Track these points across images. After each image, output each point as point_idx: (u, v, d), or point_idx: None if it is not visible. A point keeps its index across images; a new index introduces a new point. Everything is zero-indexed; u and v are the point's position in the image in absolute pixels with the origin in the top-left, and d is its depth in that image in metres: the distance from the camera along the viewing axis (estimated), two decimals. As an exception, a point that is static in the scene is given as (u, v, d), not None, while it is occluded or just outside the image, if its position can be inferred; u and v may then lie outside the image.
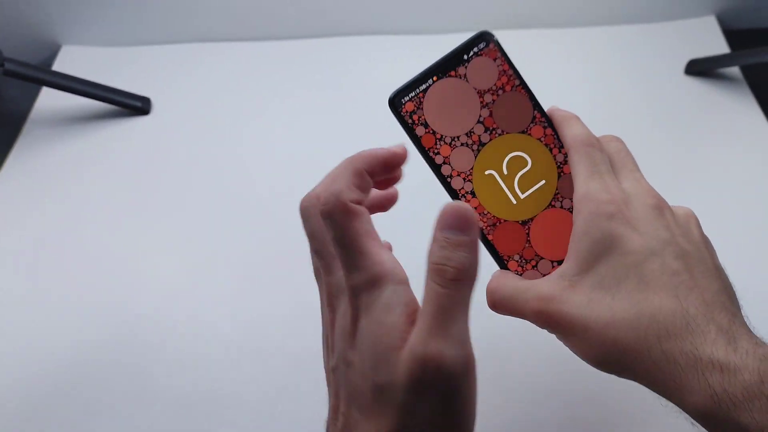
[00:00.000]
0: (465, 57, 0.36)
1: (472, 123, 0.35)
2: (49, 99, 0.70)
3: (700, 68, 0.70)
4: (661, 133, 0.65)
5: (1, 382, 0.49)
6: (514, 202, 0.36)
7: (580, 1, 0.76)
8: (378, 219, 0.33)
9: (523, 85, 0.36)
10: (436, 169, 0.35)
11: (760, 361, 0.29)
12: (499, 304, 0.35)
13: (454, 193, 0.35)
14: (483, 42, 0.36)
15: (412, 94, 0.36)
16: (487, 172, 0.35)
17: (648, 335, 0.30)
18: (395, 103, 0.36)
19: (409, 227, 0.44)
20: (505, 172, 0.36)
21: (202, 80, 0.72)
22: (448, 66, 0.36)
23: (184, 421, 0.47)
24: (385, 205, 0.38)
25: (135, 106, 0.68)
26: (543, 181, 0.36)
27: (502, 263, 0.36)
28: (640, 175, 0.36)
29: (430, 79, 0.36)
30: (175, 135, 0.67)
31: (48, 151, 0.65)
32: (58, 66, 0.74)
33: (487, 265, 0.31)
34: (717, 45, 0.73)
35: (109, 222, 0.59)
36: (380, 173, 0.33)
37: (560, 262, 0.35)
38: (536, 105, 0.36)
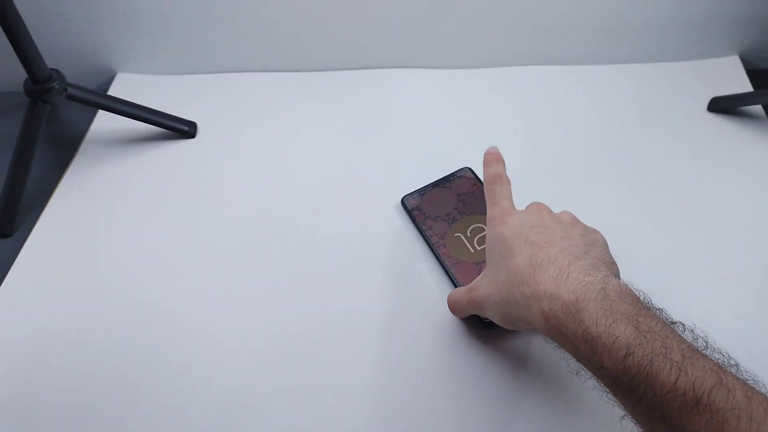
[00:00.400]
0: (451, 178, 0.66)
1: (450, 208, 0.63)
2: (103, 122, 0.76)
3: (723, 106, 0.72)
4: (683, 168, 0.67)
5: (49, 384, 0.53)
6: (472, 251, 0.59)
7: (604, 40, 0.79)
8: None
9: None
10: (422, 232, 0.61)
11: (581, 286, 0.39)
12: (452, 306, 0.54)
13: (432, 246, 0.60)
14: (464, 170, 0.66)
15: (416, 195, 0.65)
16: (455, 234, 0.60)
17: (512, 286, 0.43)
18: (403, 201, 0.64)
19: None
20: (468, 234, 0.60)
21: (244, 107, 0.77)
22: (440, 182, 0.65)
23: (215, 428, 0.50)
24: None
25: (182, 129, 0.73)
26: None
27: (458, 286, 0.56)
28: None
29: (430, 188, 0.65)
30: (218, 157, 0.71)
31: (102, 169, 0.70)
32: (112, 91, 0.80)
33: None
34: (740, 83, 0.75)
35: (154, 236, 0.64)
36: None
37: None
38: None
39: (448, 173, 0.66)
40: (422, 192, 0.65)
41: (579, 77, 0.78)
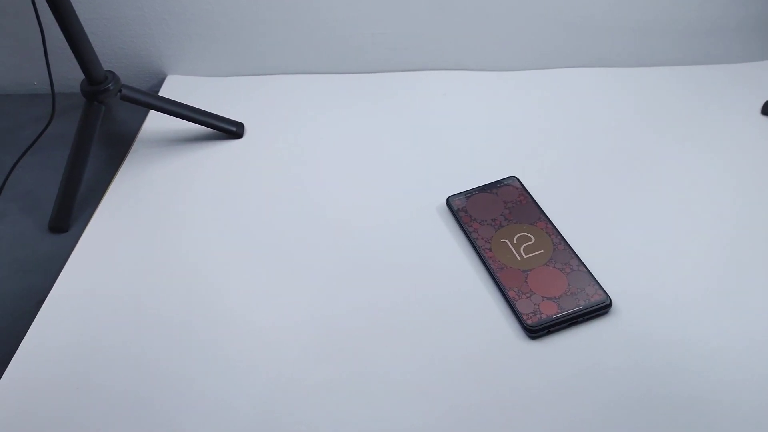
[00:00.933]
0: (498, 184, 0.66)
1: (497, 214, 0.63)
2: (155, 122, 0.78)
3: (777, 109, 0.70)
4: (735, 171, 0.66)
5: (103, 375, 0.55)
6: (519, 258, 0.59)
7: (655, 41, 0.78)
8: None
9: (535, 201, 0.64)
10: (467, 234, 0.62)
11: None
12: None
13: (478, 248, 0.60)
14: (511, 179, 0.66)
15: (462, 196, 0.65)
16: (502, 240, 0.61)
17: None
18: (448, 200, 0.65)
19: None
20: (515, 241, 0.60)
21: (290, 108, 0.78)
22: (487, 187, 0.66)
23: (262, 419, 0.51)
24: None
25: (230, 130, 0.75)
26: (541, 251, 0.59)
27: (505, 292, 0.57)
28: None
29: (476, 192, 0.66)
30: (264, 157, 0.72)
31: (153, 167, 0.73)
32: (163, 92, 0.82)
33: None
34: (795, 86, 0.73)
35: (203, 232, 0.65)
36: None
37: (550, 298, 0.55)
38: (541, 211, 0.63)
39: (493, 178, 0.66)
40: (468, 194, 0.65)
41: (629, 79, 0.77)
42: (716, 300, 0.55)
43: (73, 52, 0.64)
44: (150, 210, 0.68)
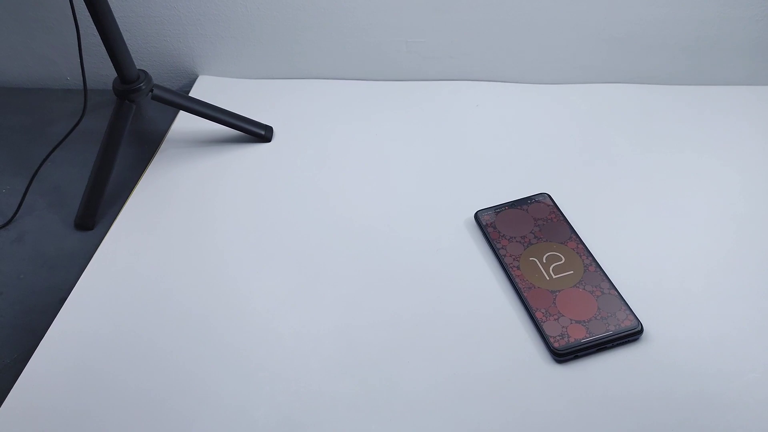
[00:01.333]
0: (529, 201, 0.64)
1: (527, 231, 0.61)
2: (184, 122, 0.78)
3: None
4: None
5: (124, 374, 0.55)
6: (547, 278, 0.57)
7: (700, 60, 0.76)
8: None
9: (566, 220, 0.62)
10: (495, 251, 0.60)
11: None
12: None
13: (506, 266, 0.59)
14: (543, 196, 0.65)
15: (491, 211, 0.64)
16: (530, 258, 0.59)
17: None
18: (477, 215, 0.63)
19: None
20: (544, 261, 0.58)
21: (320, 113, 0.77)
22: (517, 203, 0.64)
23: (282, 428, 0.50)
24: None
25: (259, 133, 0.74)
26: (571, 271, 0.57)
27: (532, 312, 0.55)
28: None
29: (506, 207, 0.64)
30: (292, 162, 0.72)
31: (180, 168, 0.72)
32: (194, 93, 0.82)
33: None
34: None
35: (228, 235, 0.65)
36: None
37: (578, 321, 0.54)
38: (573, 230, 0.61)
39: (523, 194, 0.65)
40: (497, 210, 0.64)
41: (668, 97, 0.76)
42: (753, 333, 0.53)
43: (108, 51, 0.64)
44: (176, 211, 0.68)
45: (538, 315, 0.55)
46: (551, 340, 0.53)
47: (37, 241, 0.67)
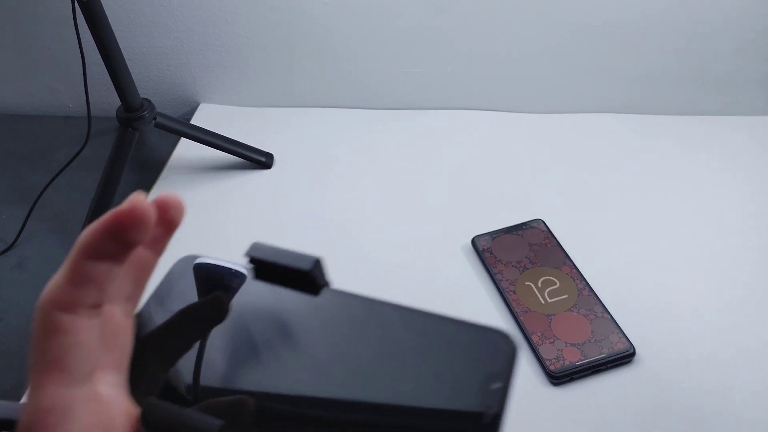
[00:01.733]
0: (524, 227, 0.65)
1: (522, 256, 0.63)
2: (185, 149, 0.79)
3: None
4: None
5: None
6: (543, 302, 0.58)
7: (688, 90, 0.78)
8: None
9: (560, 245, 0.64)
10: (492, 275, 0.62)
11: None
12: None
13: (502, 291, 0.60)
14: (537, 222, 0.66)
15: (488, 237, 0.65)
16: (526, 283, 0.60)
17: None
18: (474, 240, 0.65)
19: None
20: (539, 285, 0.60)
21: (320, 141, 0.79)
22: (512, 229, 0.65)
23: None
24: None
25: (259, 160, 0.76)
26: (566, 295, 0.59)
27: (528, 336, 0.56)
28: None
29: (501, 233, 0.65)
30: (292, 189, 0.73)
31: (182, 193, 0.71)
32: (195, 120, 0.83)
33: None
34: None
35: (228, 262, 0.65)
36: (117, 243, 0.21)
37: (573, 344, 0.55)
38: (566, 255, 0.63)
39: (518, 220, 0.66)
40: (494, 235, 0.65)
41: (661, 127, 0.78)
42: (744, 354, 0.55)
43: (112, 79, 0.66)
44: (176, 238, 0.68)
45: (534, 338, 0.56)
46: (547, 363, 0.54)
47: (38, 268, 0.68)
